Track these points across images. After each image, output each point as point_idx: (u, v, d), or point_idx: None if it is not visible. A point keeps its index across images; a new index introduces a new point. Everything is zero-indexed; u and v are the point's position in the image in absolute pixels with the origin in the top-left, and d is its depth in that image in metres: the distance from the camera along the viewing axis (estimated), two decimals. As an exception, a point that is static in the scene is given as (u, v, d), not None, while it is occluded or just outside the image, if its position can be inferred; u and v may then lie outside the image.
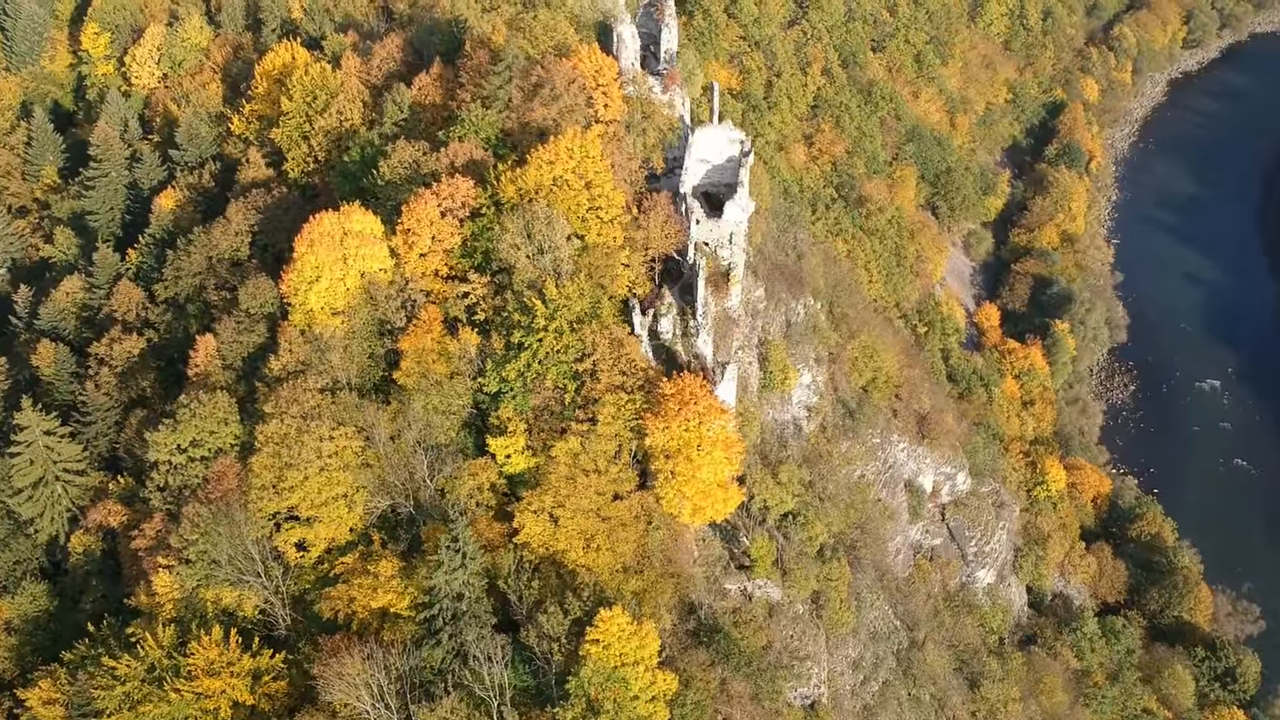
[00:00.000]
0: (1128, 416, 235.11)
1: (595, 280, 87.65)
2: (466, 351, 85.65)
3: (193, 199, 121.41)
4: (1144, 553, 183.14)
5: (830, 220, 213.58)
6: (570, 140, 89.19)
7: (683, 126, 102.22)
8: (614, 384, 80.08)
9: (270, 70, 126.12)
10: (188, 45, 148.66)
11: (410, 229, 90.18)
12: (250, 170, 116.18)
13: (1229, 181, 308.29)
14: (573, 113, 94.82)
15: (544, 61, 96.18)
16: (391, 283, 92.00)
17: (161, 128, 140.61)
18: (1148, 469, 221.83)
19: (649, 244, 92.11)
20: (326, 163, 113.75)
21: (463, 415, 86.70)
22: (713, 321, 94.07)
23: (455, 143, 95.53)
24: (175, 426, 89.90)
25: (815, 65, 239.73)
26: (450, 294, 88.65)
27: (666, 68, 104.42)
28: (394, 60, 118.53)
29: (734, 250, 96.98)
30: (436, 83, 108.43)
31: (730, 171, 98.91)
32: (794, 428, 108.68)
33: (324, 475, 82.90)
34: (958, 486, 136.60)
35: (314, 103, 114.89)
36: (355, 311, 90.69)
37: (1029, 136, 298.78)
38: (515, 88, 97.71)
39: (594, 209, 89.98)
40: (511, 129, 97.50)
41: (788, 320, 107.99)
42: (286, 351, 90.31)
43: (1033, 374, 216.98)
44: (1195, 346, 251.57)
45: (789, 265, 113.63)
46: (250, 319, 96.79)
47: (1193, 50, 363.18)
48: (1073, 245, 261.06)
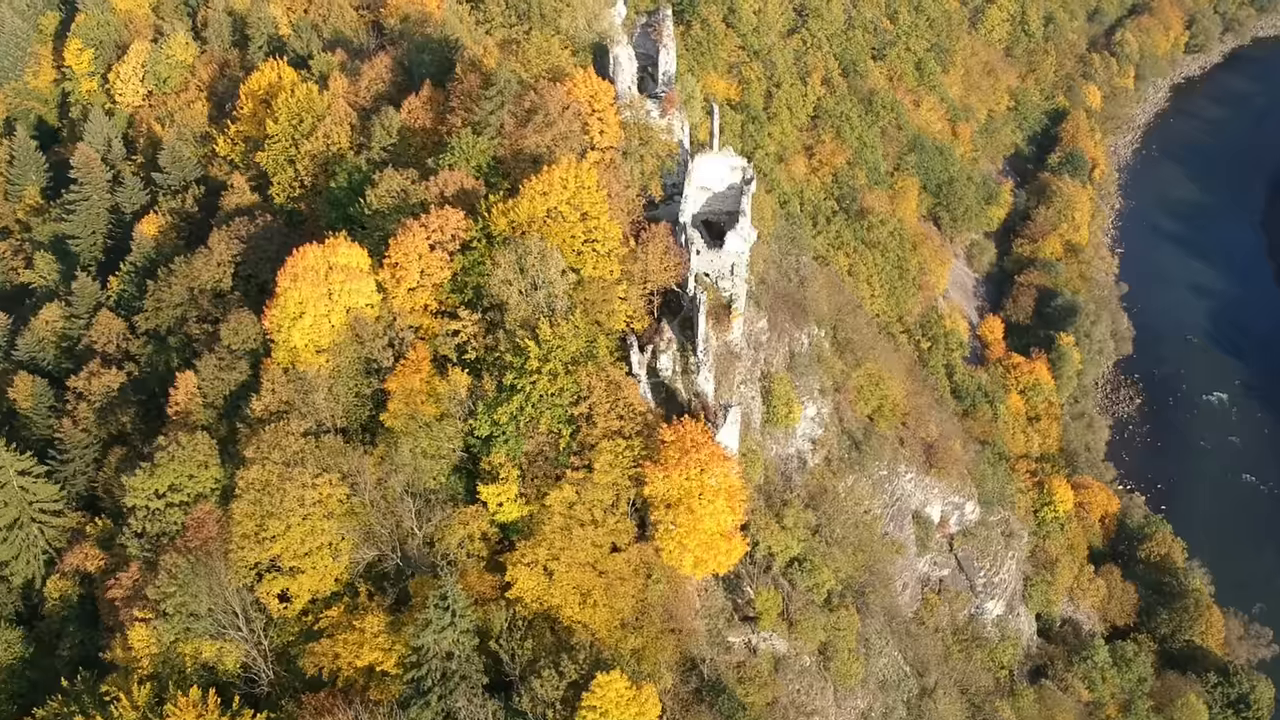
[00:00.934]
0: (1134, 431, 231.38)
1: (591, 317, 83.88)
2: (456, 393, 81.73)
3: (175, 224, 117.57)
4: (1154, 574, 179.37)
5: (831, 234, 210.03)
6: (565, 170, 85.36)
7: (682, 152, 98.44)
8: (611, 429, 76.20)
9: (256, 90, 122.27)
10: (172, 62, 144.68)
11: (398, 263, 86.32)
12: (234, 196, 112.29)
13: (1233, 188, 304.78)
14: (567, 140, 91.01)
15: (537, 86, 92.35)
16: (379, 318, 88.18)
17: (145, 148, 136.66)
18: (1155, 485, 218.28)
19: (647, 277, 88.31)
20: (313, 188, 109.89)
21: (453, 459, 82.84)
22: (714, 357, 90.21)
23: (445, 171, 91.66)
24: (153, 471, 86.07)
25: (815, 75, 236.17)
26: (439, 331, 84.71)
27: (665, 90, 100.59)
28: (383, 81, 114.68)
29: (736, 281, 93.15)
30: (426, 106, 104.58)
31: (731, 199, 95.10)
32: (798, 462, 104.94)
33: (307, 524, 79.13)
34: (966, 516, 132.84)
35: (300, 126, 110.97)
36: (341, 349, 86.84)
37: (1031, 144, 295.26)
38: (508, 113, 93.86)
39: (590, 241, 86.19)
40: (504, 156, 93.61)
41: (791, 351, 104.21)
42: (269, 391, 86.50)
43: (1038, 389, 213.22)
44: (1202, 359, 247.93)
45: (792, 292, 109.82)
46: (232, 355, 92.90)
47: (1195, 55, 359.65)
48: (1077, 256, 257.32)
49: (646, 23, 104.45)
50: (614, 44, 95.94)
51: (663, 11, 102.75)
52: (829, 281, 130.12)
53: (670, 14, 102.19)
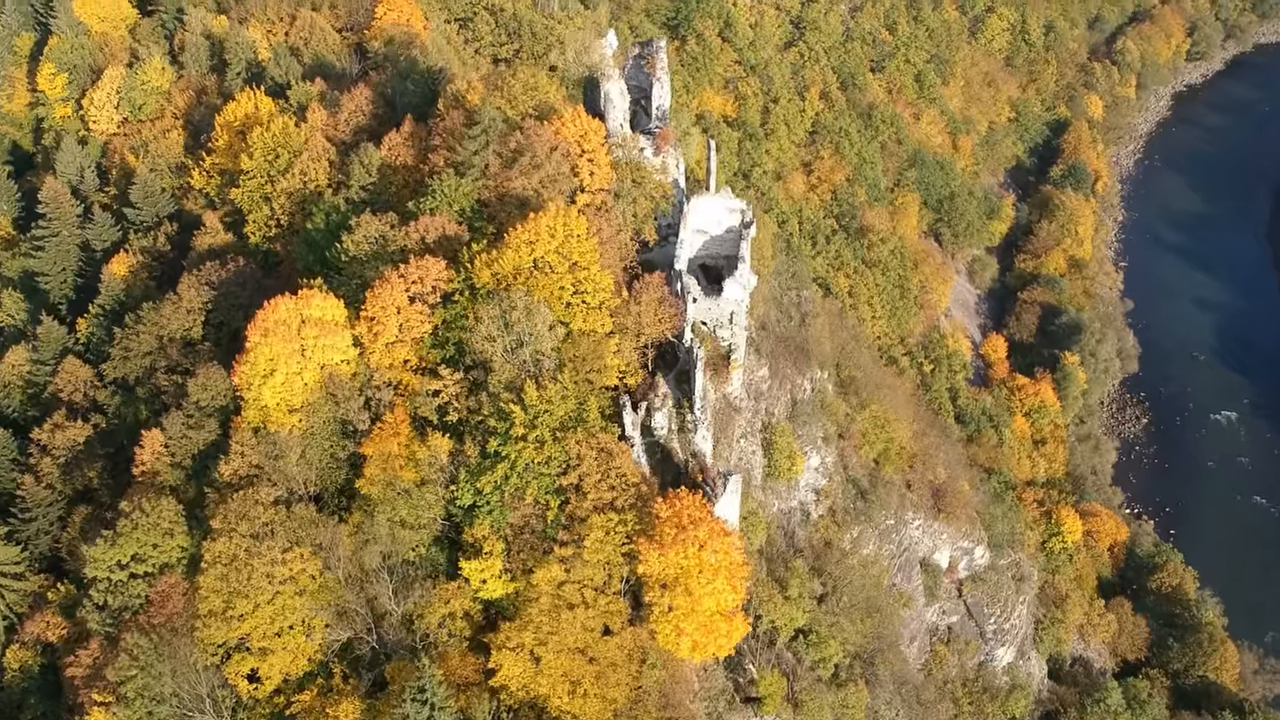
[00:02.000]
0: (1141, 452, 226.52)
1: (581, 375, 78.64)
2: (437, 458, 76.43)
3: (147, 264, 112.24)
4: (1165, 605, 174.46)
5: (831, 254, 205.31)
6: (552, 218, 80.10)
7: (677, 192, 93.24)
8: (602, 502, 70.95)
9: (231, 121, 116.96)
10: (148, 89, 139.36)
11: (375, 317, 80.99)
12: (207, 236, 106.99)
13: (1236, 198, 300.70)
14: (555, 183, 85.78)
15: (524, 125, 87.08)
16: (355, 375, 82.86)
17: (118, 179, 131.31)
18: (1163, 508, 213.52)
19: (641, 329, 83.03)
20: (290, 228, 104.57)
21: (433, 529, 77.52)
22: (712, 413, 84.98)
23: (426, 216, 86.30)
24: (114, 540, 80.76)
25: (813, 89, 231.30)
26: (419, 390, 79.36)
27: (659, 126, 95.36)
28: (363, 113, 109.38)
29: (735, 330, 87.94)
30: (408, 142, 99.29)
31: (730, 243, 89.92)
32: (801, 515, 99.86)
33: (277, 603, 73.82)
34: (976, 561, 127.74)
35: (275, 162, 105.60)
36: (314, 409, 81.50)
37: (1033, 156, 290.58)
38: (493, 153, 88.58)
39: (579, 293, 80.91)
40: (488, 199, 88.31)
41: (793, 398, 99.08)
42: (238, 455, 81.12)
43: (1043, 411, 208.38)
44: (1208, 376, 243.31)
45: (793, 334, 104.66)
46: (201, 413, 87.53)
47: (1196, 63, 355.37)
48: (1080, 271, 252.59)
49: (639, 54, 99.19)
50: (605, 78, 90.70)
51: (656, 44, 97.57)
52: (831, 316, 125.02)
53: (665, 46, 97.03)
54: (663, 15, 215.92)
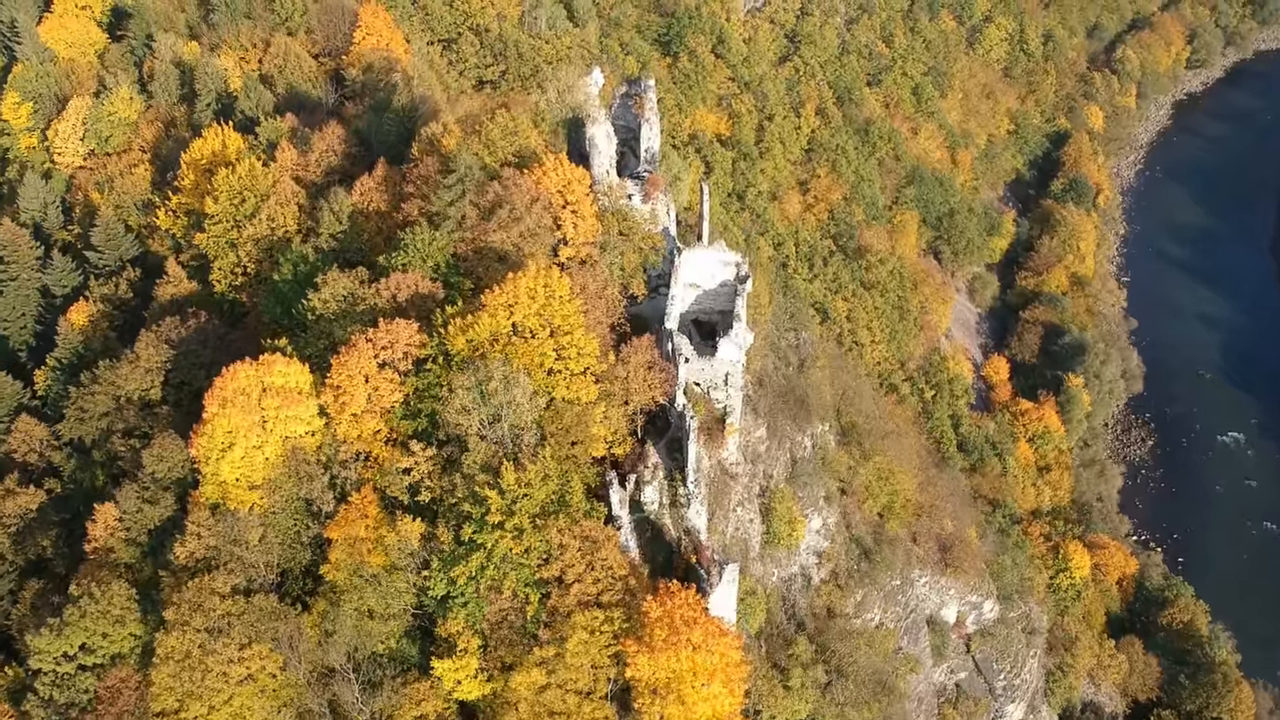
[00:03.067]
0: (1147, 475, 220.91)
1: (564, 450, 72.69)
2: (407, 544, 70.41)
3: (107, 313, 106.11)
4: (1176, 642, 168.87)
5: (829, 277, 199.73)
6: (532, 279, 74.13)
7: (668, 241, 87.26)
8: (587, 596, 65.02)
9: (198, 159, 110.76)
10: (114, 120, 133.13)
11: (340, 386, 74.94)
12: (169, 285, 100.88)
13: (1240, 209, 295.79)
14: (536, 237, 79.80)
15: (502, 175, 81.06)
16: (321, 447, 76.83)
17: (82, 218, 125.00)
18: (1171, 535, 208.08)
19: (629, 396, 77.06)
20: (256, 276, 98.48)
21: (404, 620, 71.47)
22: (706, 483, 79.06)
23: (397, 272, 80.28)
24: (61, 629, 74.55)
25: (809, 105, 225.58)
26: (389, 466, 73.30)
27: (648, 170, 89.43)
28: (335, 153, 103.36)
29: (730, 392, 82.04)
30: (381, 187, 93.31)
31: (724, 297, 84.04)
32: (802, 580, 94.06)
33: (234, 704, 67.80)
34: (984, 615, 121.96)
35: (241, 206, 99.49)
36: (276, 486, 75.47)
37: (1033, 168, 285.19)
38: (469, 204, 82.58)
39: (562, 358, 74.93)
40: (465, 253, 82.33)
41: (793, 458, 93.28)
42: (194, 536, 75.08)
43: (1047, 437, 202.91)
44: (1214, 395, 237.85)
45: (792, 385, 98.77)
46: (156, 485, 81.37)
47: (1197, 70, 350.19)
48: (1083, 289, 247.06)
49: (627, 92, 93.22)
50: (591, 121, 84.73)
51: (645, 82, 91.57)
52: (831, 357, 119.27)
53: (653, 85, 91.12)
54: (654, 32, 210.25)
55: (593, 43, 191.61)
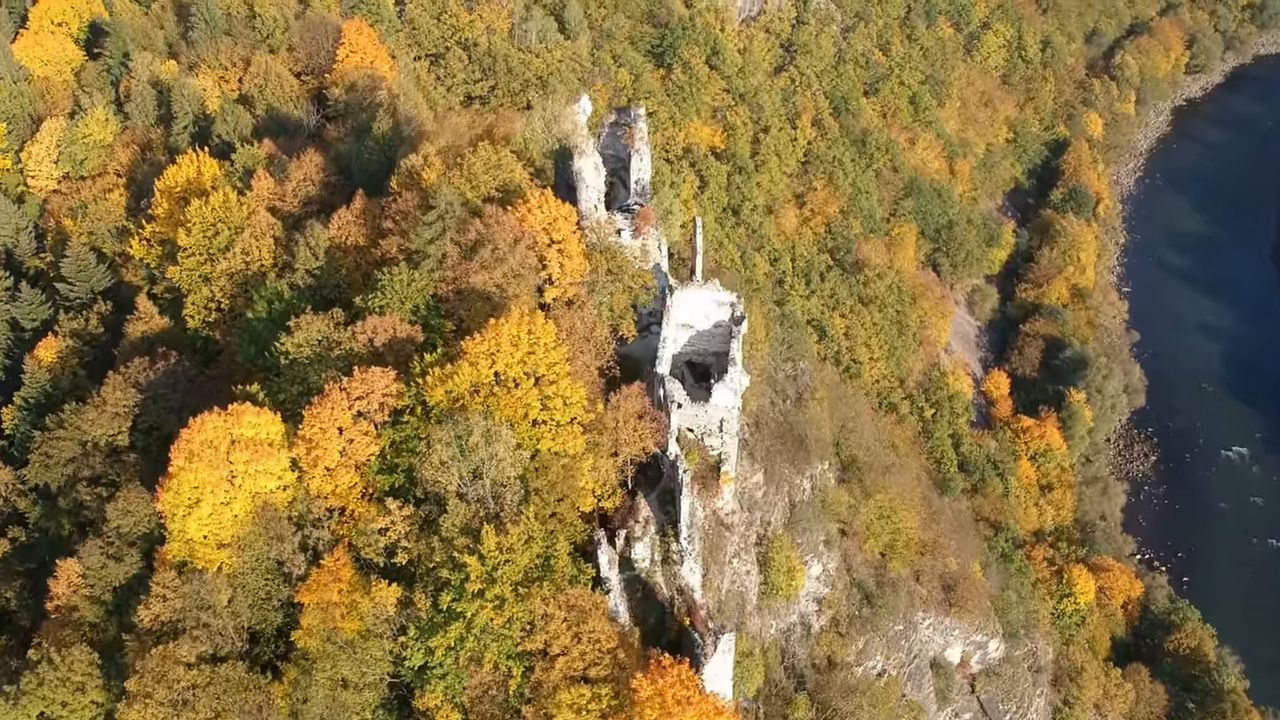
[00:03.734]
0: (1150, 492, 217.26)
1: (549, 508, 68.68)
2: (383, 609, 66.35)
3: (76, 349, 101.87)
4: (1183, 668, 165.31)
5: (826, 293, 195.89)
6: (515, 325, 70.09)
7: (659, 278, 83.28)
8: (574, 671, 60.99)
9: (172, 187, 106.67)
10: (89, 142, 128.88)
11: (313, 439, 70.86)
12: (139, 322, 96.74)
13: (1241, 217, 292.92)
14: (520, 278, 75.79)
15: (484, 213, 77.00)
16: (294, 501, 72.77)
17: (54, 245, 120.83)
18: (1175, 554, 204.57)
19: (618, 447, 73.06)
20: (231, 312, 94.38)
21: (380, 690, 67.39)
22: (700, 537, 75.08)
23: (374, 317, 76.20)
24: (18, 699, 70.59)
25: (805, 115, 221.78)
26: (364, 526, 69.21)
27: (638, 203, 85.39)
28: (313, 183, 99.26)
29: (725, 439, 78.08)
30: (359, 220, 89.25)
31: (719, 339, 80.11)
32: (802, 629, 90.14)
33: (199, 783, 63.73)
34: (990, 655, 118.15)
35: (215, 239, 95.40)
36: (246, 544, 71.35)
37: (1032, 177, 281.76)
38: (450, 241, 78.55)
39: (547, 408, 70.89)
40: (446, 293, 78.30)
41: (791, 502, 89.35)
42: (159, 598, 70.89)
43: (1049, 455, 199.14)
44: (1217, 408, 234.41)
45: (790, 423, 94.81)
46: (121, 540, 77.28)
47: (1196, 76, 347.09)
48: (1084, 301, 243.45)
49: (616, 120, 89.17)
50: (578, 152, 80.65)
51: (634, 111, 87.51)
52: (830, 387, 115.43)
53: (644, 114, 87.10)
54: (647, 43, 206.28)
55: (584, 55, 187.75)
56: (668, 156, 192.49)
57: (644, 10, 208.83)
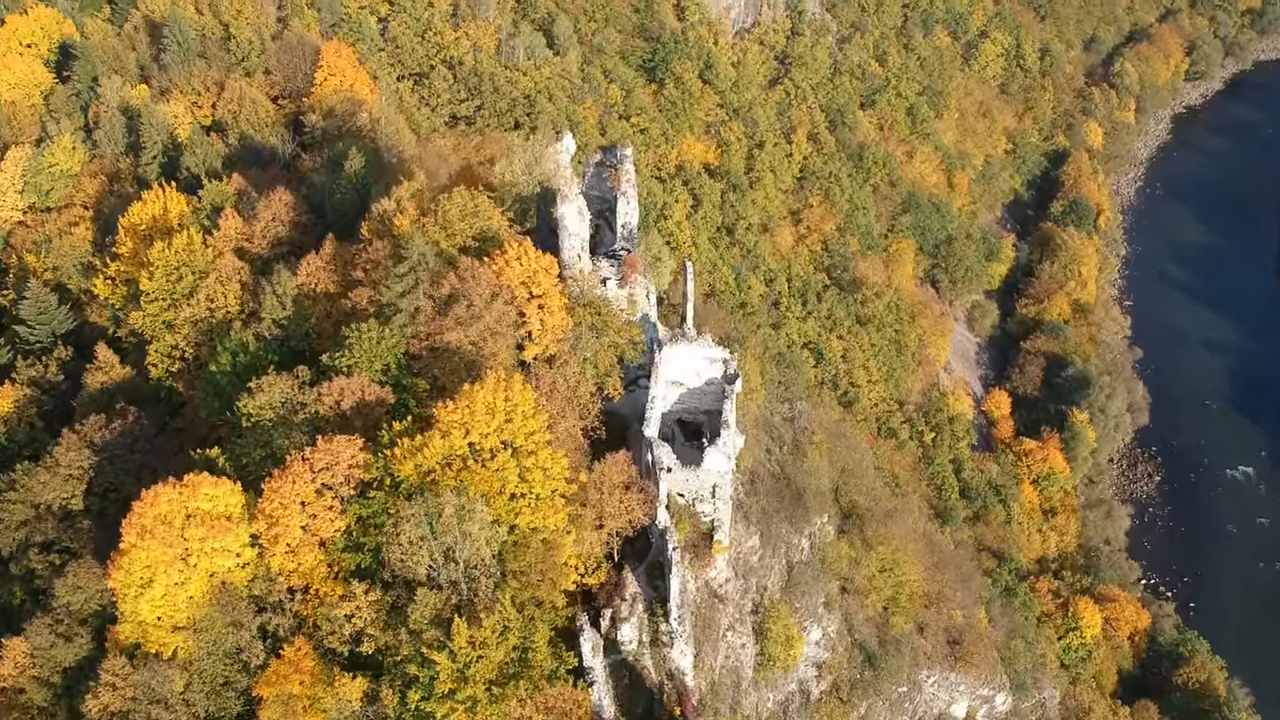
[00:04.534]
0: (1155, 514, 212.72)
1: (528, 592, 63.58)
2: (347, 705, 61.27)
3: (35, 398, 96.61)
4: (1192, 702, 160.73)
5: (823, 314, 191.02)
6: (491, 391, 65.03)
7: (647, 330, 78.23)
8: (552, 779, 55.83)
9: (136, 224, 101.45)
10: (55, 172, 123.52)
11: (273, 514, 65.76)
12: (99, 373, 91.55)
13: (1243, 227, 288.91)
14: (497, 336, 70.71)
15: (459, 266, 71.90)
16: (253, 580, 67.69)
17: (16, 282, 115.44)
18: (1181, 578, 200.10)
19: (603, 519, 68.04)
20: (195, 361, 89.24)
21: (346, 791, 62.28)
22: (692, 611, 70.06)
23: (340, 379, 71.06)
24: (-45, 796, 65.39)
25: (800, 130, 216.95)
26: (328, 610, 64.11)
27: (625, 249, 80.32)
28: (282, 223, 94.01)
29: (718, 505, 73.05)
30: (329, 266, 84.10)
31: (711, 396, 75.12)
32: (800, 697, 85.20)
33: None
34: (996, 709, 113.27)
35: (179, 284, 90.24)
36: (203, 627, 66.29)
37: (1031, 189, 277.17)
38: (424, 294, 73.45)
39: (525, 480, 65.82)
40: (418, 351, 73.19)
41: (789, 563, 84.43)
42: (109, 687, 65.81)
43: (1052, 479, 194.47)
44: (1221, 426, 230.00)
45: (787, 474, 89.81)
46: (71, 618, 72.19)
47: (1196, 82, 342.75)
48: (1086, 317, 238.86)
49: (601, 160, 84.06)
50: (561, 198, 75.53)
51: (621, 151, 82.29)
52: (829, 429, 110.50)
53: (630, 155, 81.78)
54: (638, 57, 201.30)
55: (574, 72, 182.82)
56: (660, 175, 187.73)
57: (635, 24, 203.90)
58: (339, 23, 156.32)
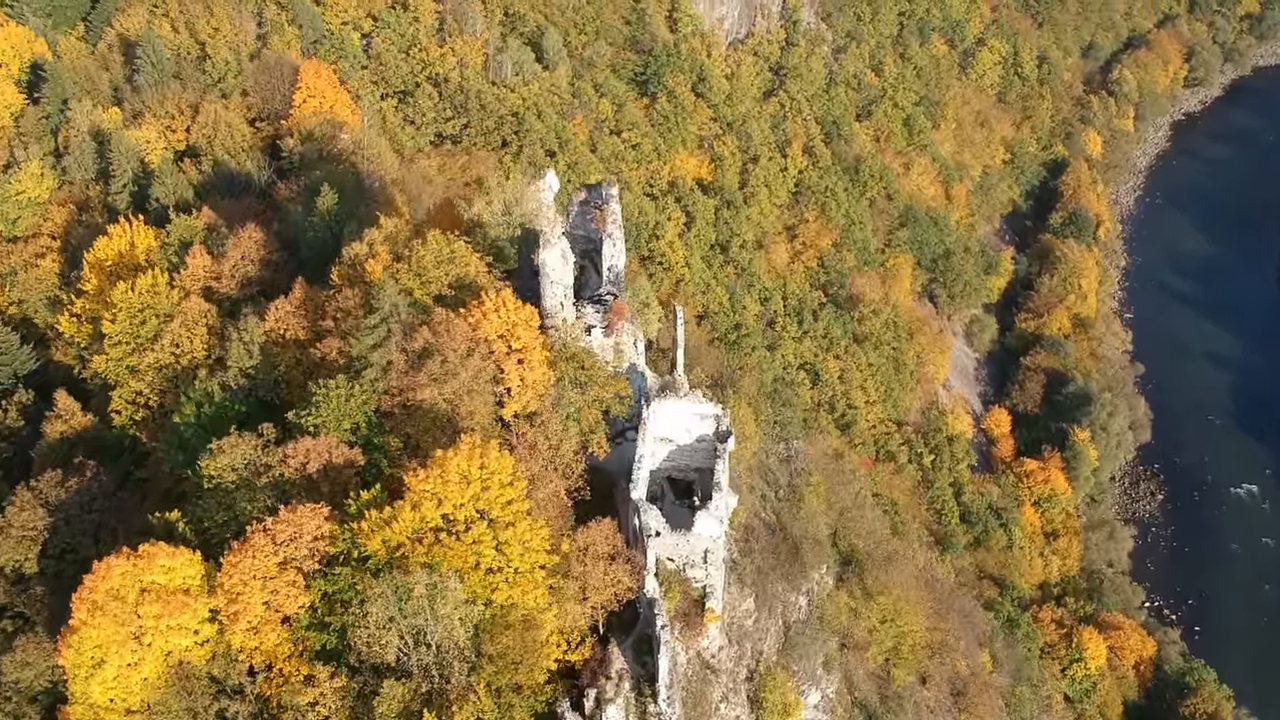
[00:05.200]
0: (1158, 534, 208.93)
1: (505, 673, 59.18)
2: (312, 805, 56.92)
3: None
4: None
5: (819, 333, 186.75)
6: (465, 458, 60.60)
7: (635, 382, 73.89)
8: None
9: (102, 259, 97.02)
10: (23, 200, 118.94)
11: (233, 590, 61.30)
12: (58, 422, 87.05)
13: (1245, 236, 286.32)
14: (474, 394, 66.32)
15: (433, 319, 67.45)
16: (212, 658, 63.24)
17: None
18: (1185, 600, 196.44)
19: (586, 593, 63.69)
20: (160, 409, 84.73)
21: None
22: (683, 687, 65.71)
23: (306, 440, 66.62)
24: None
25: (796, 143, 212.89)
26: (290, 700, 59.69)
27: (611, 294, 75.93)
28: (252, 262, 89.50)
29: (710, 570, 68.72)
30: (299, 311, 79.62)
31: (702, 454, 70.81)
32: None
33: None
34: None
35: (143, 328, 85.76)
36: (158, 713, 61.82)
37: (1030, 199, 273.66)
38: (396, 347, 69.03)
39: (503, 553, 61.43)
40: (390, 408, 68.77)
41: (786, 623, 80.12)
42: (57, 775, 61.42)
43: (1054, 501, 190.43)
44: (1225, 442, 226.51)
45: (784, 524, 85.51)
46: (20, 696, 67.70)
47: (1195, 89, 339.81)
48: (1086, 331, 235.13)
49: (585, 199, 79.62)
50: (544, 241, 71.14)
51: (607, 190, 77.73)
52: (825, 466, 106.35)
53: (616, 194, 77.31)
54: (630, 70, 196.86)
55: (563, 87, 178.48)
56: (652, 192, 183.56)
57: (627, 36, 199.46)
58: (321, 40, 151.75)
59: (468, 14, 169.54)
